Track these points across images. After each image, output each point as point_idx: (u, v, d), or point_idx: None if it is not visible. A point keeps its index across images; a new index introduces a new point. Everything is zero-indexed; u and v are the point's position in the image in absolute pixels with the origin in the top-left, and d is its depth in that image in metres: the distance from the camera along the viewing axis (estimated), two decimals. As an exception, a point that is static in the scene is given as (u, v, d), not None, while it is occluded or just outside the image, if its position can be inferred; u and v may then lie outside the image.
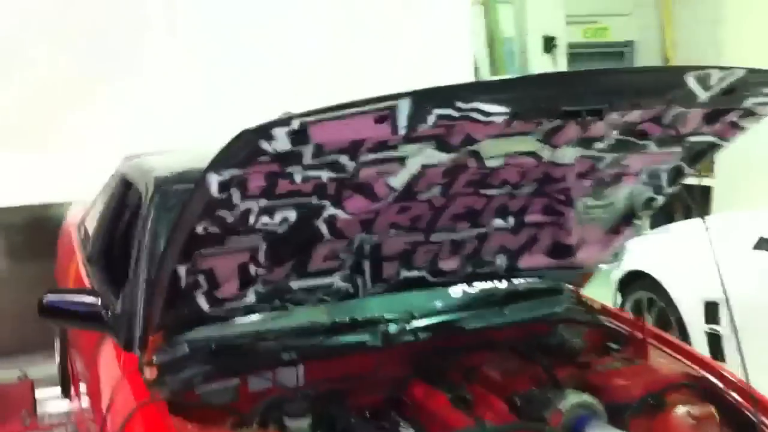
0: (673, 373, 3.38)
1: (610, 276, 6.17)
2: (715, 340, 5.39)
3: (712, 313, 5.40)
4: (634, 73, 3.30)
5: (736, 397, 3.21)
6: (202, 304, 2.95)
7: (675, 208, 8.48)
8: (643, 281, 5.91)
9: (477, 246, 3.37)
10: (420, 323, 3.46)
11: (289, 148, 2.26)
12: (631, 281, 6.03)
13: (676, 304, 5.66)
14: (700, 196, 8.28)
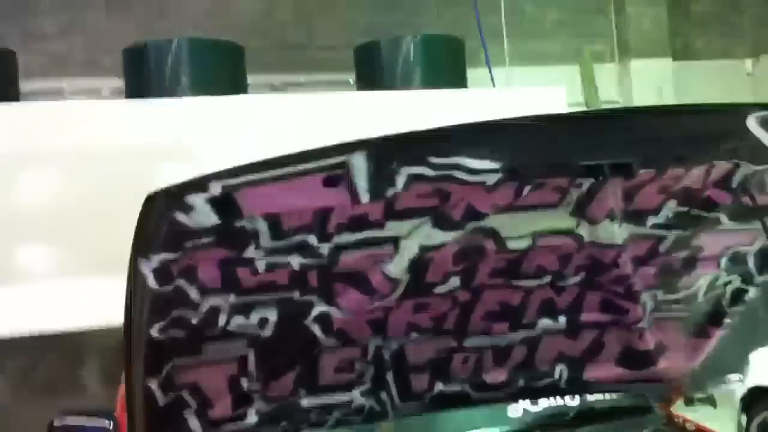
0: None
1: (732, 394, 5.36)
2: None
3: None
4: (675, 113, 2.35)
5: None
6: (194, 426, 2.54)
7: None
8: (769, 399, 5.09)
9: (527, 353, 2.83)
10: None
11: (218, 222, 1.86)
12: (757, 400, 5.20)
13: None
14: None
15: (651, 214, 2.34)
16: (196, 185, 1.83)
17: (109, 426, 3.11)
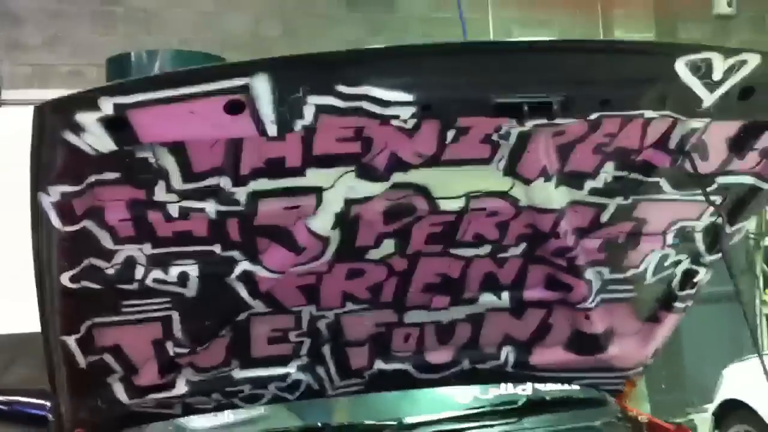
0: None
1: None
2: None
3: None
4: (597, 50, 2.18)
5: None
6: (119, 393, 2.47)
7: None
8: (741, 413, 4.97)
9: (471, 333, 2.75)
10: None
11: (115, 148, 1.79)
12: (728, 413, 5.10)
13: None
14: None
15: (588, 178, 2.28)
16: (85, 101, 1.74)
17: (46, 404, 3.04)
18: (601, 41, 4.88)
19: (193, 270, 2.20)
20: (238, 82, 1.73)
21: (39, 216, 1.91)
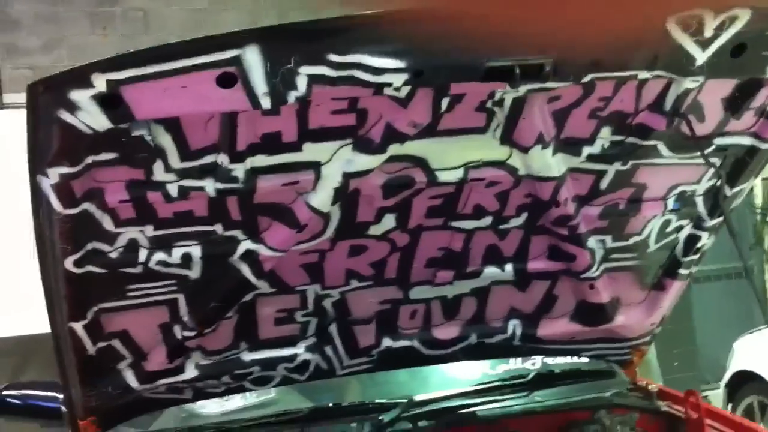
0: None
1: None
2: None
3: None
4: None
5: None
6: (129, 379, 2.48)
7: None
8: (754, 384, 4.97)
9: (477, 307, 2.76)
10: (420, 409, 2.83)
11: (110, 126, 1.80)
12: (740, 384, 5.09)
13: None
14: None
15: (586, 144, 2.28)
16: (78, 77, 1.74)
17: (59, 397, 3.05)
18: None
19: (195, 251, 2.20)
20: (229, 54, 1.73)
21: (39, 199, 1.92)
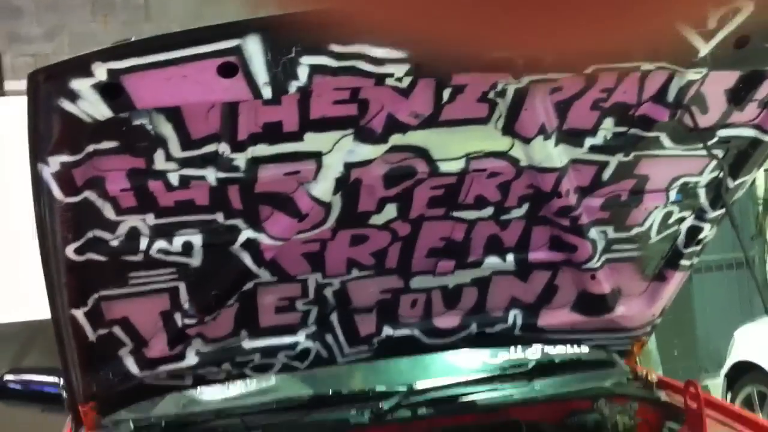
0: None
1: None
2: None
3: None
4: None
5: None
6: (130, 366, 2.49)
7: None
8: (753, 374, 4.98)
9: (478, 297, 2.76)
10: (420, 397, 2.84)
11: (111, 115, 1.80)
12: (740, 374, 5.10)
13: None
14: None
15: (588, 135, 2.28)
16: (78, 66, 1.75)
17: (60, 382, 3.06)
18: None
19: (196, 239, 2.21)
20: (230, 43, 1.73)
21: (40, 187, 1.92)
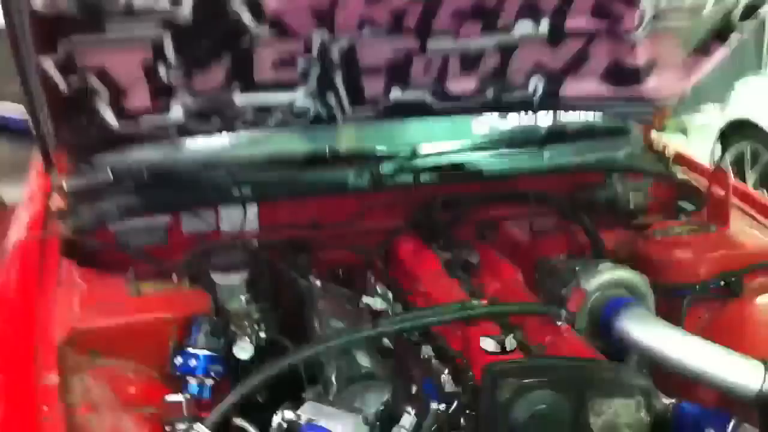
0: (761, 248, 2.45)
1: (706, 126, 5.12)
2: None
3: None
4: None
5: None
6: (107, 116, 2.20)
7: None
8: (748, 131, 4.83)
9: (500, 63, 2.45)
10: (423, 162, 2.62)
11: None
12: (735, 132, 4.96)
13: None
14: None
15: None
16: None
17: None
18: None
19: None
20: None
21: None
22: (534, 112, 2.79)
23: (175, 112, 2.25)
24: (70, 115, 2.14)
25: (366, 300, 2.17)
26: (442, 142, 2.71)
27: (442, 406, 1.77)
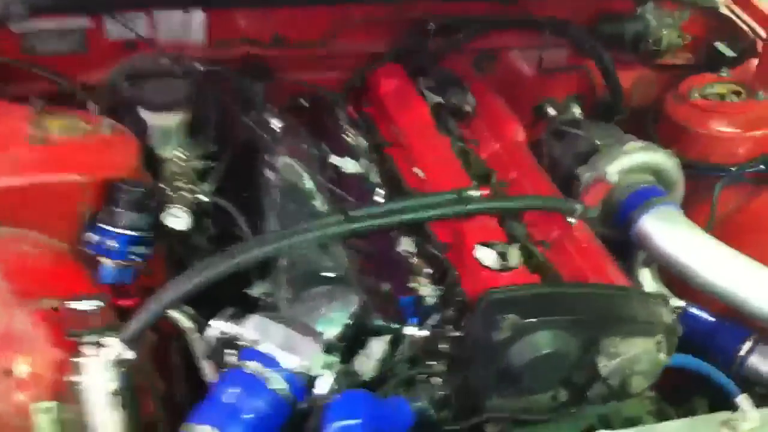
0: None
1: None
2: None
3: None
4: None
5: None
6: None
7: None
8: None
9: None
10: None
11: None
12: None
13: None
14: None
15: None
16: None
17: None
18: None
19: None
20: None
21: None
22: None
23: None
24: None
25: (334, 161, 1.74)
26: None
27: (422, 331, 1.42)
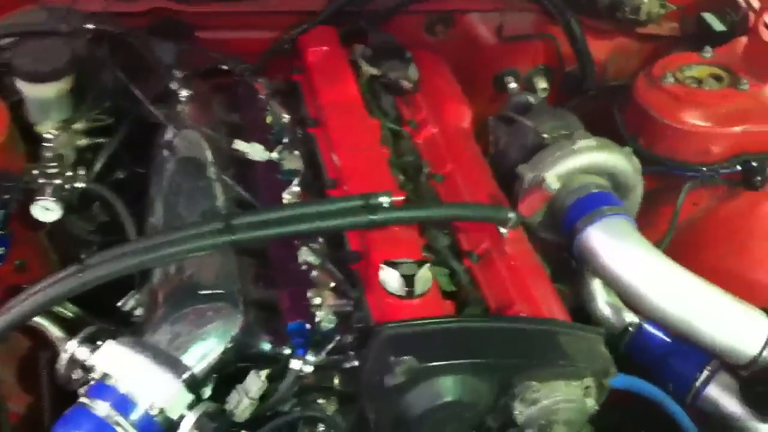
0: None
1: None
2: None
3: None
4: None
5: None
6: None
7: None
8: None
9: None
10: None
11: None
12: None
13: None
14: None
15: None
16: None
17: None
18: None
19: None
20: None
21: None
22: None
23: None
24: None
25: (239, 146, 1.50)
26: None
27: (308, 366, 1.21)
